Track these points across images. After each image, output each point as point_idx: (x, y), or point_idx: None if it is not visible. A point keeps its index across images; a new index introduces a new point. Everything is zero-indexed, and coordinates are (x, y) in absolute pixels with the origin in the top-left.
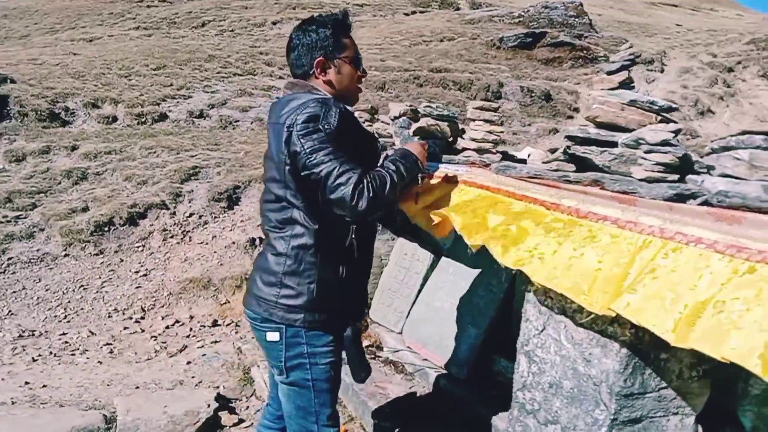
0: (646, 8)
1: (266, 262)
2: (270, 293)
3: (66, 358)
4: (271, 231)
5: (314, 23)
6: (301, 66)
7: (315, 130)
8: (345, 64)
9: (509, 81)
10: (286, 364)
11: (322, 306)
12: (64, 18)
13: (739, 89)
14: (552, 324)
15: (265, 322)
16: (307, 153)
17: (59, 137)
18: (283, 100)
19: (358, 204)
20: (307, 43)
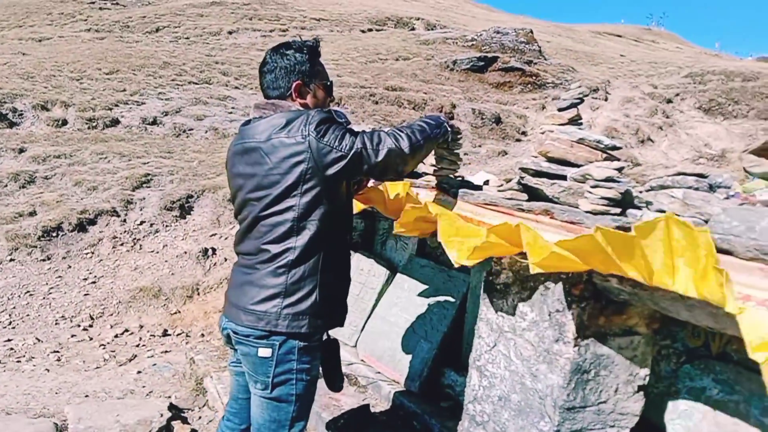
0: (592, 37)
1: (262, 277)
2: (271, 306)
3: (11, 365)
4: (269, 245)
5: (291, 48)
6: (278, 88)
7: (330, 126)
8: (319, 89)
9: (462, 102)
10: (273, 380)
11: (323, 310)
12: (11, 15)
13: (677, 120)
14: (503, 341)
15: (260, 338)
16: (336, 146)
17: (6, 139)
18: (269, 120)
19: (402, 146)
20: (285, 66)
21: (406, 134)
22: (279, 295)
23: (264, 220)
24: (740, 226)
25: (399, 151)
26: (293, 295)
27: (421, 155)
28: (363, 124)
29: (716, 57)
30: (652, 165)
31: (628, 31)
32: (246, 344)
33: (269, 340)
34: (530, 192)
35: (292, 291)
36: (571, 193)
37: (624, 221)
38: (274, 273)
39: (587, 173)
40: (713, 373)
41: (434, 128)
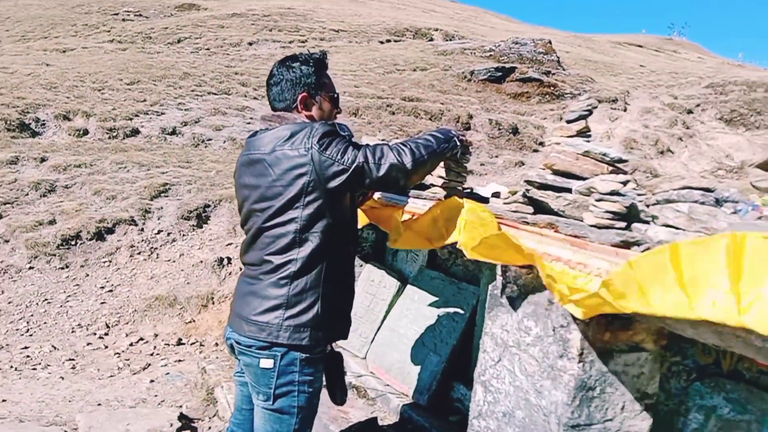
0: (612, 47)
1: (265, 288)
2: (273, 317)
3: (27, 372)
4: (272, 256)
5: (297, 60)
6: (284, 100)
7: (333, 139)
8: (325, 101)
9: (479, 113)
10: (275, 391)
11: (325, 322)
12: (37, 27)
13: (698, 131)
14: (507, 356)
15: (262, 349)
16: (338, 159)
17: (28, 148)
18: (274, 132)
19: (404, 161)
20: (291, 78)
21: (409, 149)
22: (281, 307)
23: (267, 231)
24: None
25: (401, 166)
26: (295, 306)
27: (425, 170)
28: (379, 134)
29: (739, 67)
30: (671, 176)
31: (648, 41)
32: (248, 355)
33: (271, 351)
34: (536, 205)
35: (293, 303)
36: (576, 206)
37: (628, 235)
38: (276, 284)
39: (592, 186)
40: (724, 392)
41: (441, 143)
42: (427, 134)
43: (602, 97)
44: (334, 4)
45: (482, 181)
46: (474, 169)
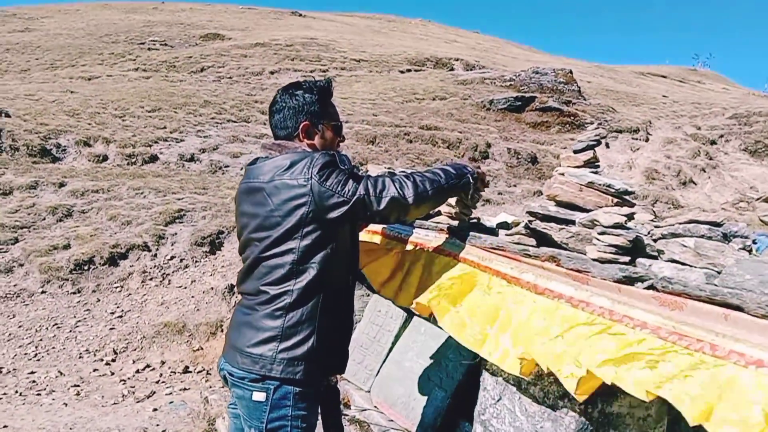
0: (635, 78)
1: (260, 319)
2: (267, 349)
3: (31, 398)
4: (268, 287)
5: (301, 88)
6: (286, 128)
7: (334, 170)
8: (328, 129)
9: (497, 142)
10: (267, 426)
11: (321, 356)
12: (65, 55)
13: (721, 162)
14: (507, 395)
15: (255, 382)
16: (338, 191)
17: (48, 173)
18: (274, 161)
19: (406, 195)
20: (294, 106)
21: (413, 182)
22: (275, 339)
23: (264, 261)
24: (753, 280)
25: (402, 201)
26: (289, 339)
27: (428, 205)
28: (396, 162)
29: (764, 98)
30: (692, 208)
31: (672, 71)
32: (241, 387)
33: (264, 384)
34: (539, 237)
35: (288, 335)
36: (579, 239)
37: (631, 271)
38: (271, 315)
39: (595, 219)
40: None
41: (451, 178)
42: (439, 167)
43: (624, 127)
44: (357, 34)
45: (499, 210)
46: (492, 197)
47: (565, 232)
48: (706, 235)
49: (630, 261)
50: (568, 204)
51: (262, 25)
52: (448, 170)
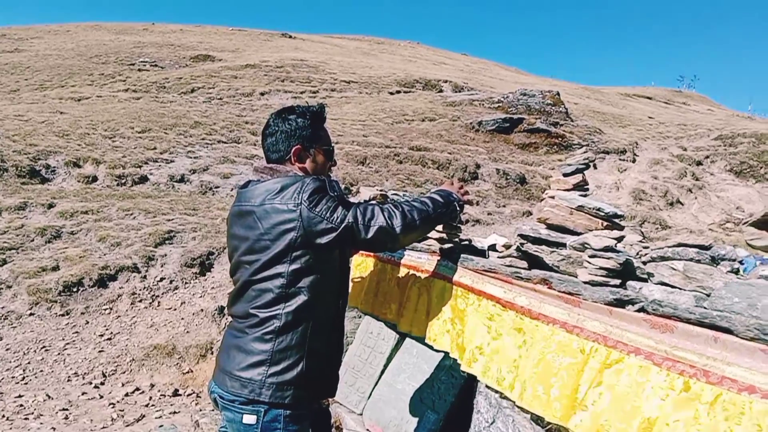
0: (621, 99)
1: (249, 342)
2: (256, 374)
3: (19, 422)
4: (258, 310)
5: (294, 113)
6: (278, 151)
7: (323, 197)
8: (320, 153)
9: (486, 163)
10: None
11: (310, 380)
12: (55, 76)
13: (707, 182)
14: (501, 417)
15: (245, 404)
16: (327, 217)
17: (37, 194)
18: (264, 185)
19: (394, 225)
20: (286, 130)
21: (401, 212)
22: (264, 363)
23: (254, 284)
24: (741, 303)
25: (390, 230)
26: (278, 363)
27: (415, 235)
28: (386, 183)
29: (748, 119)
30: (680, 228)
31: (658, 93)
32: (231, 410)
33: (254, 407)
34: (530, 259)
35: (277, 360)
36: (570, 261)
37: (622, 293)
38: (261, 339)
39: (586, 242)
40: None
41: (439, 207)
42: (426, 196)
43: (611, 148)
44: (346, 56)
45: (489, 230)
46: (481, 218)
47: (556, 254)
48: (695, 258)
49: (620, 284)
50: (558, 227)
51: (252, 46)
52: (436, 199)
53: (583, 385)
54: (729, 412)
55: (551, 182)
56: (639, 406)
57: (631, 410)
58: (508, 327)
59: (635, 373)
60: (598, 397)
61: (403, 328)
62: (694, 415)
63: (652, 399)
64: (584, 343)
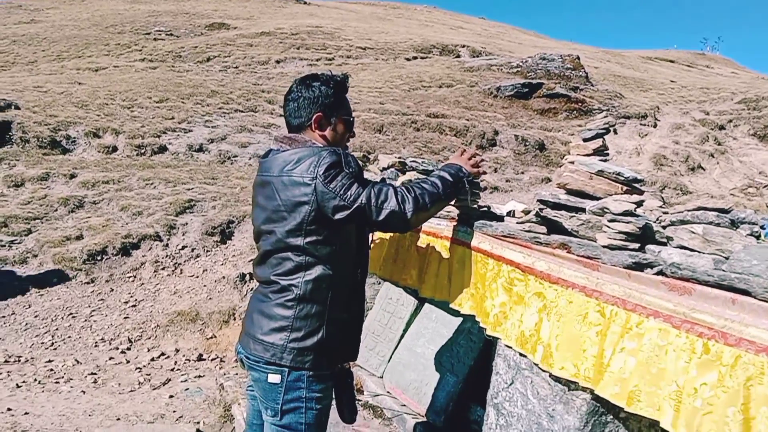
0: (642, 63)
1: (272, 307)
2: (278, 338)
3: (50, 385)
4: (279, 277)
5: (318, 80)
6: (299, 117)
7: (339, 173)
8: (340, 123)
9: (504, 129)
10: (282, 407)
11: (330, 347)
12: (72, 46)
13: (730, 147)
14: (520, 379)
15: (269, 365)
16: (341, 194)
17: (59, 165)
18: (283, 155)
19: (406, 210)
20: (309, 97)
21: (414, 197)
22: (286, 329)
23: (274, 253)
24: (760, 265)
25: (401, 214)
26: (299, 330)
27: (425, 217)
28: (404, 150)
29: None
30: (700, 194)
31: (680, 56)
32: (257, 369)
33: (279, 367)
34: (549, 224)
35: (298, 326)
36: (589, 226)
37: (641, 257)
38: (283, 305)
39: (605, 207)
40: None
41: (449, 187)
42: (436, 175)
43: (631, 112)
44: (362, 22)
45: (507, 197)
46: (500, 185)
47: (575, 219)
48: (714, 222)
49: (639, 248)
50: (578, 192)
51: (267, 13)
52: (445, 179)
53: (607, 350)
54: (749, 372)
55: (571, 147)
56: (665, 369)
57: (657, 373)
58: (528, 292)
59: (656, 337)
60: (624, 363)
61: (425, 294)
62: (719, 378)
63: (677, 362)
64: (604, 306)
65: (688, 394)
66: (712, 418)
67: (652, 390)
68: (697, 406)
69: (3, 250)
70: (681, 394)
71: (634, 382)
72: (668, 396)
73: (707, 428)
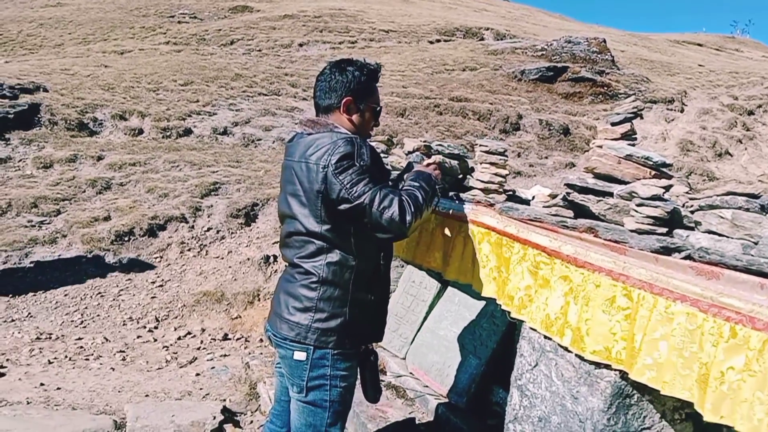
0: (669, 46)
1: (297, 288)
2: (303, 318)
3: (80, 362)
4: (302, 260)
5: (352, 65)
6: (329, 99)
7: (350, 166)
8: (368, 111)
9: (528, 113)
10: (307, 384)
11: (353, 328)
12: (97, 30)
13: (759, 133)
14: (544, 361)
15: (295, 342)
16: (347, 187)
17: (86, 147)
18: (305, 140)
19: (406, 220)
20: (341, 80)
21: (415, 207)
22: (310, 309)
23: (296, 236)
24: None
25: (399, 224)
26: (323, 311)
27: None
28: (426, 134)
29: None
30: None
31: (709, 39)
32: (283, 347)
33: (304, 345)
34: (576, 208)
35: (321, 307)
36: (617, 210)
37: (669, 242)
38: (307, 287)
39: (633, 191)
40: None
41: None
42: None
43: (658, 97)
44: (385, 4)
45: (531, 182)
46: (523, 170)
47: (603, 204)
48: (744, 207)
49: (667, 232)
50: (606, 176)
51: None
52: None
53: (637, 334)
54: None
55: (599, 131)
56: (696, 353)
57: (690, 357)
58: (554, 275)
59: (685, 321)
60: (657, 347)
61: (449, 277)
62: (746, 362)
63: (706, 345)
64: (631, 290)
65: (715, 378)
66: (739, 401)
67: (687, 373)
68: (724, 391)
69: (33, 230)
70: (708, 378)
71: (668, 366)
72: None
73: (734, 411)
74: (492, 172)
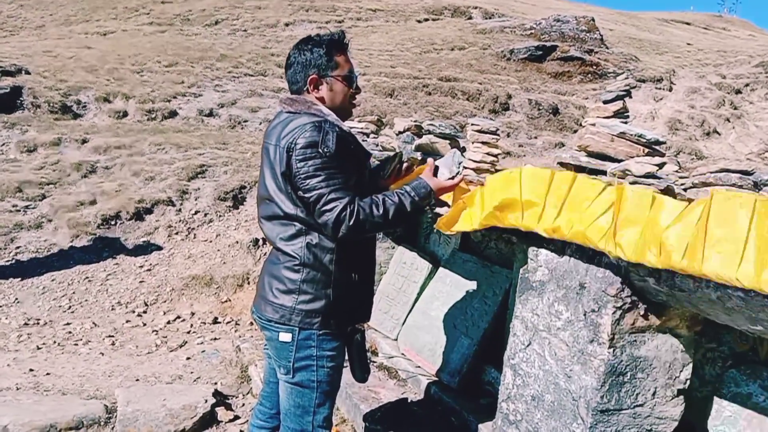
0: (658, 25)
1: (281, 270)
2: (287, 300)
3: (69, 347)
4: (283, 242)
5: (310, 42)
6: (296, 82)
7: (312, 156)
8: (337, 81)
9: (518, 93)
10: (294, 365)
11: (338, 309)
12: (79, 10)
13: (746, 111)
14: (537, 340)
15: (280, 324)
16: (302, 177)
17: (70, 130)
18: (282, 121)
19: (339, 230)
20: (302, 61)
21: (362, 219)
22: (294, 291)
23: (275, 219)
24: None
25: (331, 231)
26: (306, 293)
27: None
28: (415, 115)
29: None
30: (717, 158)
31: (697, 18)
32: (269, 329)
33: (289, 326)
34: None
35: (305, 289)
36: None
37: None
38: (290, 269)
39: (627, 169)
40: (760, 379)
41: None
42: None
43: (647, 76)
44: None
45: (520, 162)
46: (512, 150)
47: None
48: (737, 184)
49: None
50: (599, 154)
51: None
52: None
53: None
54: None
55: (591, 110)
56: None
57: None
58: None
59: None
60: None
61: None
62: None
63: None
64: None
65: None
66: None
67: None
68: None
69: (18, 215)
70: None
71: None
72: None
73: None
74: (484, 151)
